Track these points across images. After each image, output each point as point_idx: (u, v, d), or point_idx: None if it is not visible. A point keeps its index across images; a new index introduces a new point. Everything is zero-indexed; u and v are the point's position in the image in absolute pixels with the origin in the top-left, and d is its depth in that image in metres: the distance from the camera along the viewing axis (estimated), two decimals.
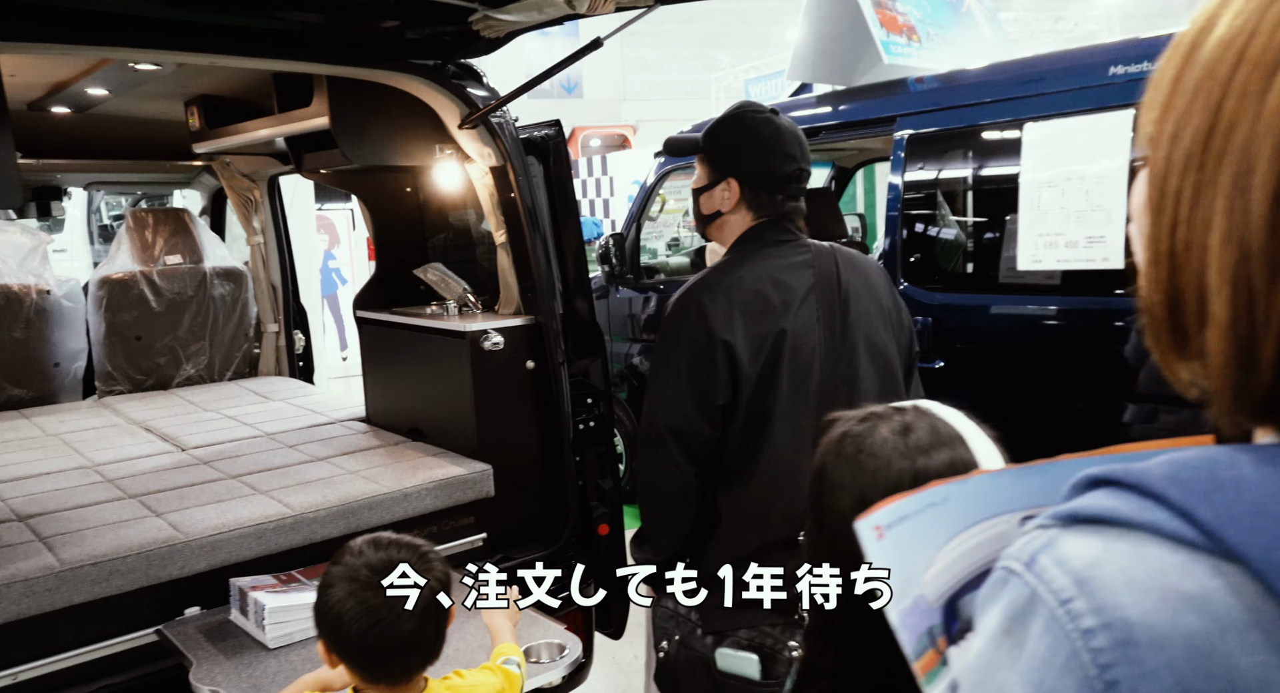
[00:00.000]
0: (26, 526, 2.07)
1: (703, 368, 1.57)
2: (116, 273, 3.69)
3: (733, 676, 1.52)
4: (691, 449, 1.59)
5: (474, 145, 2.54)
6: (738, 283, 1.59)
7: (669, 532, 1.66)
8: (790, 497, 1.54)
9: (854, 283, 1.63)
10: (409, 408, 2.88)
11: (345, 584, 1.30)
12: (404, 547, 1.37)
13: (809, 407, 1.57)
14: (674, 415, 1.60)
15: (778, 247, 1.64)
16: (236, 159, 3.91)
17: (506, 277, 2.66)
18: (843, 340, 1.59)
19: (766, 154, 1.63)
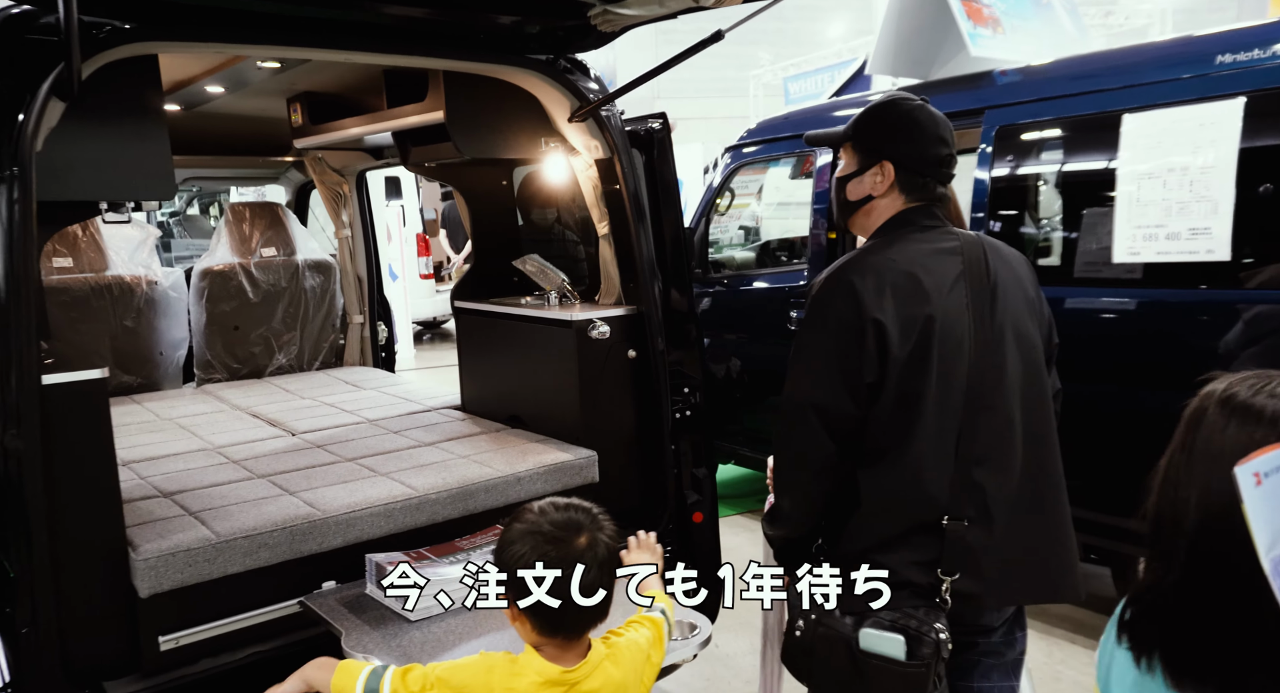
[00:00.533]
0: (173, 501, 2.17)
1: (851, 346, 1.57)
2: (217, 264, 3.83)
3: (877, 655, 1.53)
4: (834, 426, 1.60)
5: (581, 138, 2.60)
6: (889, 264, 1.59)
7: (804, 509, 1.68)
8: (936, 481, 1.56)
9: (1001, 272, 1.64)
10: (508, 396, 2.95)
11: (530, 539, 1.36)
12: (580, 509, 1.42)
13: (956, 392, 1.57)
14: (819, 392, 1.60)
15: (926, 231, 1.65)
16: (328, 154, 4.02)
17: (608, 267, 2.72)
18: (991, 328, 1.59)
19: (921, 137, 1.65)
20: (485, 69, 2.43)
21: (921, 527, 1.56)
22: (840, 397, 1.59)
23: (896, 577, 1.56)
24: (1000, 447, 1.59)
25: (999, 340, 1.60)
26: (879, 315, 1.55)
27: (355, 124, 3.03)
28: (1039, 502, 1.63)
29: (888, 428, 1.59)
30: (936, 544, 1.56)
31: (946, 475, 1.57)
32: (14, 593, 1.68)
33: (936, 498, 1.56)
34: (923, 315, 1.57)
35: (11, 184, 1.66)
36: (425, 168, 3.07)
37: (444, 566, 1.99)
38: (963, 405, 1.56)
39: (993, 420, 1.58)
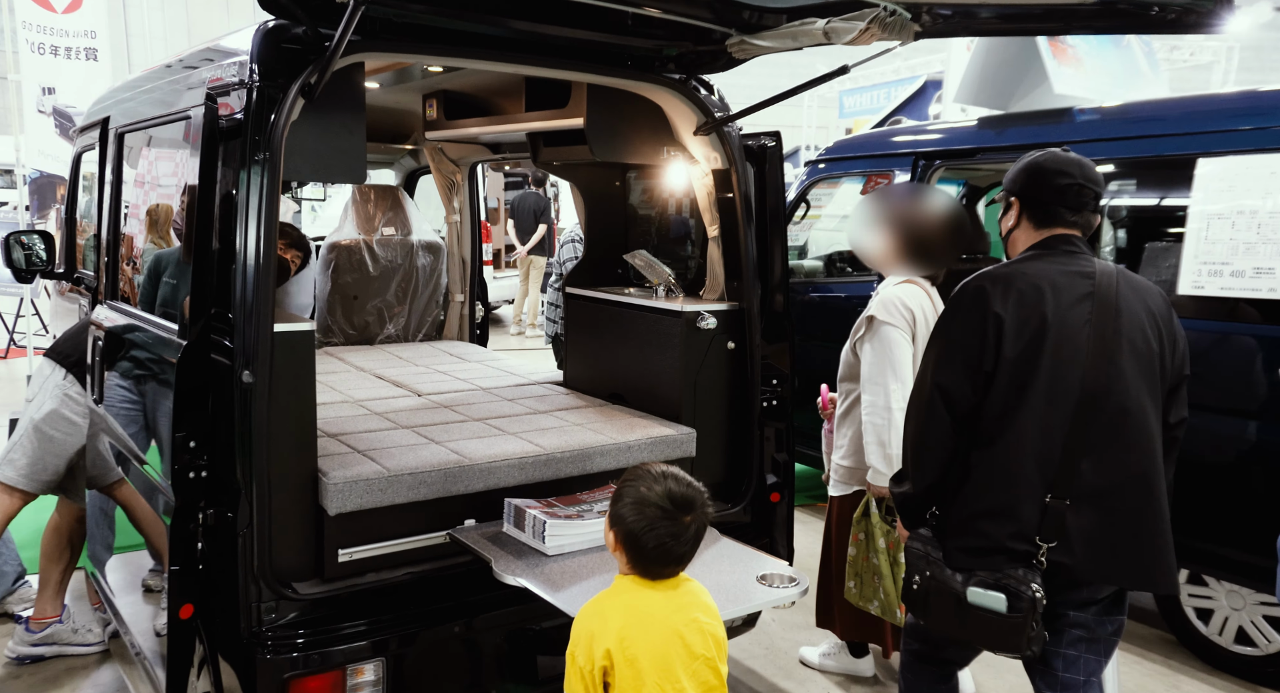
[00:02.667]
0: (339, 441, 2.51)
1: (974, 337, 1.88)
2: (345, 239, 4.20)
3: (982, 609, 1.85)
4: (954, 405, 1.91)
5: (702, 149, 2.89)
6: (1019, 274, 1.92)
7: (923, 472, 1.97)
8: (1040, 466, 1.84)
9: (1130, 298, 1.92)
10: (610, 375, 3.26)
11: (645, 509, 1.68)
12: (695, 489, 1.74)
13: (1069, 391, 1.85)
14: (944, 375, 1.92)
15: (1063, 256, 1.96)
16: (448, 146, 4.37)
17: (715, 266, 3.01)
18: (1110, 342, 1.87)
19: (1040, 173, 1.99)
20: (627, 84, 2.74)
21: (1025, 502, 1.85)
22: (961, 380, 1.90)
23: (999, 543, 1.86)
24: (1107, 445, 1.85)
25: (1115, 353, 1.87)
26: (1000, 311, 1.87)
27: (491, 122, 3.35)
28: (1139, 499, 1.88)
29: (999, 414, 1.88)
30: (1036, 518, 1.84)
31: (1053, 461, 1.85)
32: (237, 502, 2.02)
33: (1040, 479, 1.85)
34: (1037, 318, 1.86)
35: (264, 166, 2.00)
36: (552, 166, 3.38)
37: (571, 513, 2.30)
38: (1075, 404, 1.84)
39: (1102, 420, 1.85)
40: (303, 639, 2.09)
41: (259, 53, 2.05)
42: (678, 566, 1.72)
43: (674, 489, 1.71)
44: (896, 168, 4.75)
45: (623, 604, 1.66)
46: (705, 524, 1.73)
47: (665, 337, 2.93)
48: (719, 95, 2.88)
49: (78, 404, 3.01)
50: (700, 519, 1.71)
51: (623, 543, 1.71)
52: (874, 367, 2.70)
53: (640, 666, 1.57)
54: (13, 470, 3.04)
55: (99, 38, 5.91)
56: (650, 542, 1.67)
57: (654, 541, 1.67)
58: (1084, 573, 1.86)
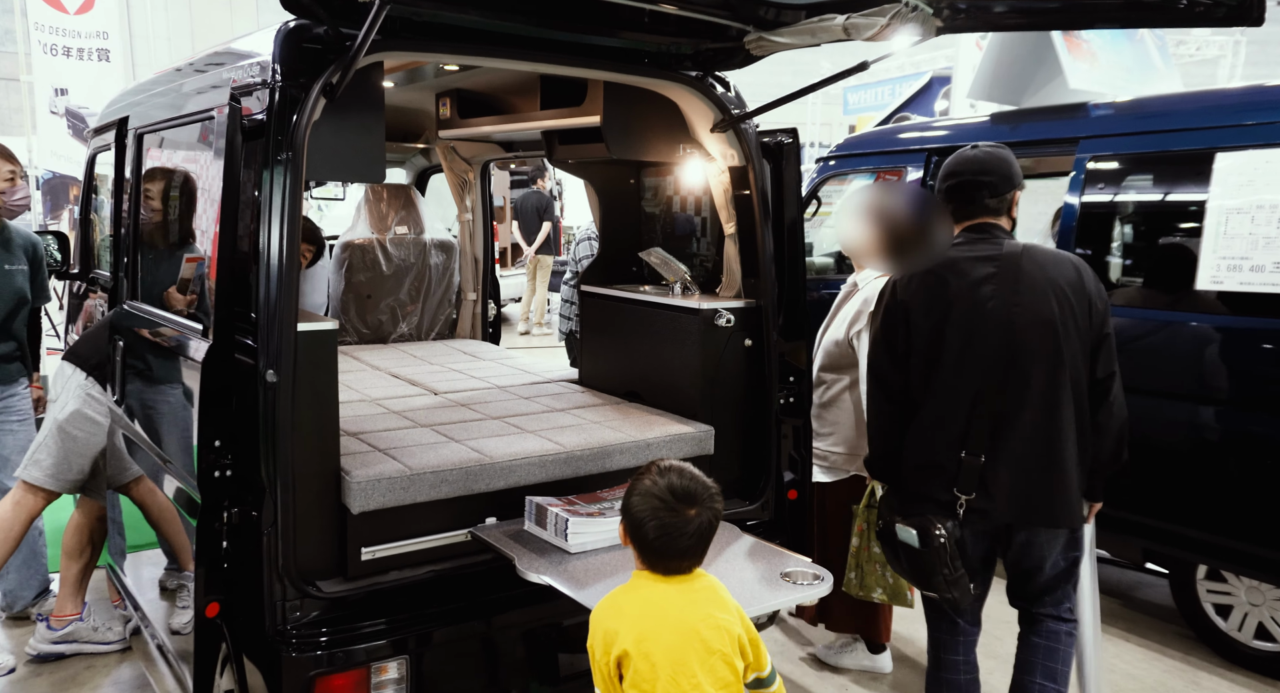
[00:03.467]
0: (359, 439, 2.52)
1: (890, 324, 2.32)
2: (358, 238, 4.21)
3: (905, 544, 2.30)
4: (884, 383, 2.37)
5: (719, 146, 2.89)
6: (925, 267, 2.32)
7: (874, 440, 2.47)
8: (953, 427, 2.23)
9: (1032, 273, 2.22)
10: (627, 373, 3.26)
11: (650, 500, 1.69)
12: (700, 483, 1.74)
13: (975, 360, 2.21)
14: (873, 358, 2.40)
15: (972, 244, 2.31)
16: (460, 144, 4.37)
17: (731, 263, 3.00)
18: (1013, 316, 2.19)
19: (940, 177, 2.43)
20: (643, 82, 2.73)
21: (943, 459, 2.25)
22: (885, 362, 2.35)
23: (927, 492, 2.29)
24: (1012, 406, 2.21)
25: (1016, 325, 2.19)
26: (905, 298, 2.29)
27: (506, 121, 3.36)
28: (1047, 451, 2.22)
29: (920, 386, 2.29)
30: (954, 471, 2.23)
31: (963, 423, 2.22)
32: (261, 501, 2.03)
33: (955, 439, 2.23)
34: (940, 301, 2.24)
35: (287, 166, 2.00)
36: (567, 163, 3.38)
37: (592, 511, 2.30)
38: (980, 372, 2.21)
39: (1005, 384, 2.20)
40: (327, 637, 2.10)
41: (281, 53, 2.05)
42: (684, 559, 1.73)
43: (676, 482, 1.74)
44: (909, 164, 4.74)
45: (638, 599, 1.67)
46: (712, 520, 1.73)
47: (683, 334, 2.93)
48: (735, 92, 2.88)
49: (100, 404, 3.03)
50: (705, 514, 1.71)
51: (629, 533, 1.76)
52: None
53: (655, 660, 1.58)
54: (39, 471, 3.05)
55: (111, 38, 5.94)
56: (651, 532, 1.70)
57: (655, 531, 1.70)
58: (1001, 517, 2.25)
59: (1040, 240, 5.45)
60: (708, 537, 1.73)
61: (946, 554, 2.19)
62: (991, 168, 2.34)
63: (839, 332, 3.05)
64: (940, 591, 2.25)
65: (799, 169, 2.93)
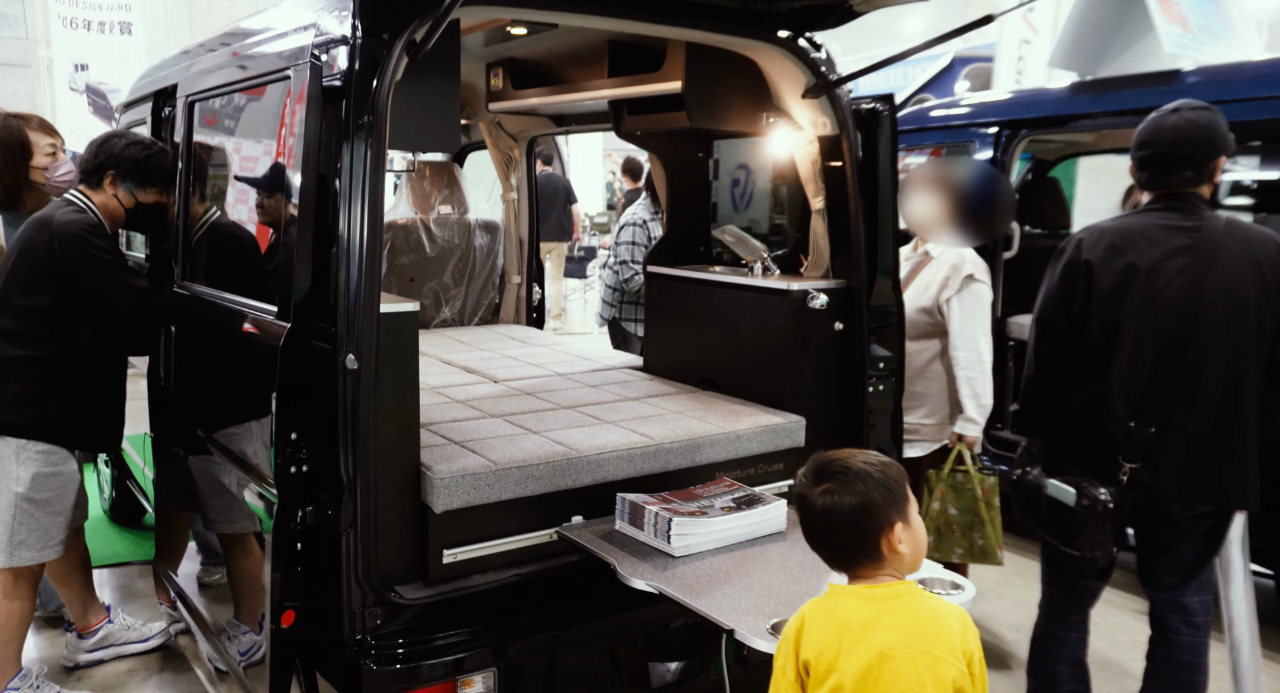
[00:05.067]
0: (433, 432, 2.37)
1: (1067, 279, 2.27)
2: (401, 218, 4.05)
3: (1056, 501, 2.24)
4: (1051, 337, 2.32)
5: (809, 114, 2.71)
6: (1116, 227, 2.25)
7: (1031, 394, 2.40)
8: (1124, 396, 2.19)
9: (1232, 249, 2.16)
10: (700, 359, 3.09)
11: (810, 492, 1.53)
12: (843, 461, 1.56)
13: (1156, 337, 2.16)
14: (1044, 311, 2.32)
15: (1165, 212, 2.23)
16: (506, 119, 4.20)
17: (819, 241, 2.83)
18: (1202, 293, 2.13)
19: (1135, 143, 2.31)
20: (731, 43, 2.56)
21: (1111, 425, 2.20)
22: (1056, 317, 2.30)
23: (1087, 455, 2.25)
24: (1193, 378, 2.16)
25: (1204, 303, 2.14)
26: (1090, 258, 2.22)
27: (566, 91, 3.18)
28: (1224, 428, 2.18)
29: (1093, 350, 2.23)
30: (1121, 439, 2.19)
31: (1138, 393, 2.18)
32: (340, 499, 1.88)
33: (1127, 407, 2.19)
34: (1125, 265, 2.18)
35: (369, 131, 1.84)
36: (635, 135, 3.21)
37: (693, 509, 2.14)
38: (1159, 346, 2.16)
39: (1184, 362, 2.16)
40: (408, 648, 1.96)
41: (363, 6, 1.88)
42: (820, 549, 1.56)
43: (821, 459, 1.58)
44: (976, 139, 4.54)
45: (823, 609, 1.50)
46: (849, 505, 1.48)
47: (769, 317, 2.77)
48: (827, 54, 2.69)
49: (54, 454, 2.63)
50: (839, 497, 1.48)
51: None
52: (965, 323, 2.93)
53: (838, 682, 1.41)
54: (27, 551, 2.60)
55: (133, 10, 5.77)
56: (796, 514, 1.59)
57: (796, 513, 1.59)
58: (1165, 491, 2.20)
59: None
60: (843, 528, 1.49)
61: (1108, 518, 2.18)
62: (1192, 139, 2.20)
63: (924, 299, 3.01)
64: (1084, 549, 2.24)
65: (895, 139, 2.75)
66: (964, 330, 2.91)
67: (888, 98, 2.73)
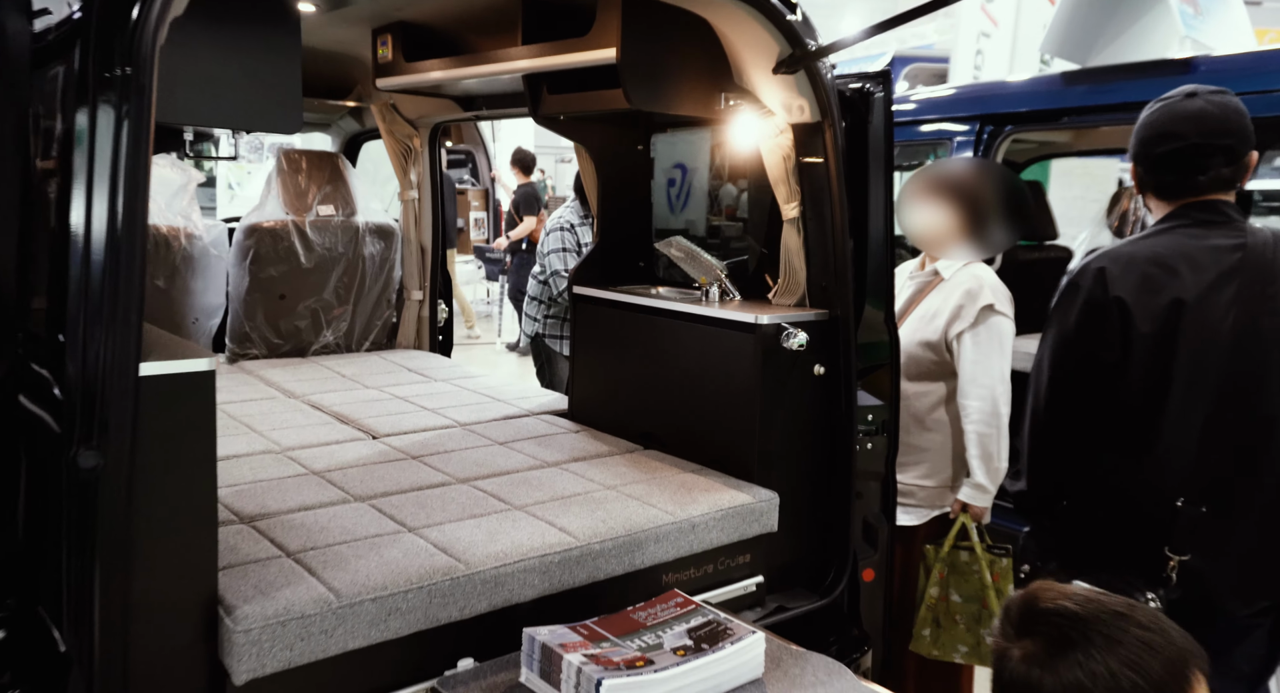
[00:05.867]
0: (258, 531, 1.70)
1: (1093, 325, 1.77)
2: (267, 221, 3.34)
3: None
4: (1072, 401, 1.82)
5: (781, 95, 2.13)
6: (1145, 252, 1.76)
7: (1040, 471, 1.91)
8: (1175, 466, 1.73)
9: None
10: (641, 407, 2.49)
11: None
12: (1066, 612, 0.96)
13: (1208, 382, 1.70)
14: (1060, 369, 1.82)
15: (1200, 226, 1.78)
16: (403, 101, 3.53)
17: (793, 258, 2.26)
18: (1263, 326, 1.71)
19: (1145, 138, 1.83)
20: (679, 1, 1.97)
21: (1152, 504, 1.75)
22: (1079, 374, 1.81)
23: (1121, 547, 1.79)
24: (1255, 447, 1.74)
25: (1268, 337, 1.71)
26: (1123, 295, 1.73)
27: (470, 63, 2.54)
28: None
29: (1130, 410, 1.77)
30: (1167, 525, 1.74)
31: (1189, 464, 1.74)
32: (65, 676, 1.21)
33: (1175, 483, 1.73)
34: (1168, 301, 1.71)
35: (123, 90, 1.18)
36: (558, 121, 2.58)
37: (630, 652, 1.53)
38: (1216, 400, 1.71)
39: (1249, 418, 1.73)
40: None
41: None
42: None
43: (1042, 599, 1.00)
44: (954, 136, 4.07)
45: None
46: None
47: (731, 358, 2.18)
48: (804, 17, 2.12)
49: None
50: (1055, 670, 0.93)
51: None
52: (979, 365, 2.39)
53: None
54: None
55: None
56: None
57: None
58: (1220, 583, 1.77)
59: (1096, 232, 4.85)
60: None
61: None
62: (1228, 126, 1.76)
63: (930, 331, 2.45)
64: None
65: (891, 129, 2.20)
66: (978, 374, 2.37)
67: (881, 76, 2.18)
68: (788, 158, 2.20)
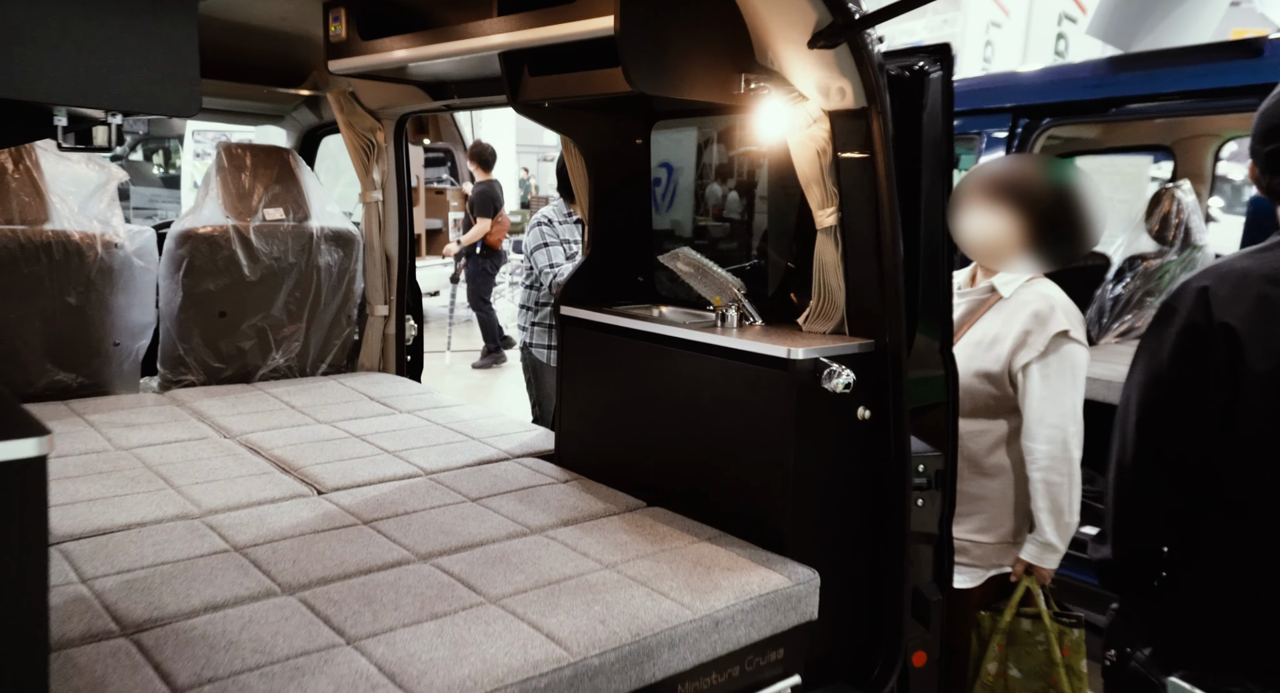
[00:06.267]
0: (141, 649, 1.29)
1: (1194, 360, 1.44)
2: (203, 226, 2.92)
3: None
4: (1165, 452, 1.48)
5: (817, 75, 1.75)
6: (1259, 266, 1.44)
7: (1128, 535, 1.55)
8: None
9: None
10: (643, 456, 2.10)
11: None
12: None
13: None
14: (1153, 412, 1.48)
15: None
16: (364, 88, 3.13)
17: (828, 276, 1.88)
18: None
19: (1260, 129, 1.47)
20: None
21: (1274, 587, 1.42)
22: (1176, 420, 1.47)
23: (1231, 646, 1.48)
24: None
25: None
26: (1231, 321, 1.41)
27: (441, 41, 2.15)
28: None
29: (1247, 465, 1.43)
30: None
31: None
32: None
33: None
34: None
35: None
36: (543, 109, 2.19)
37: None
38: None
39: None
40: None
41: None
42: None
43: None
44: (985, 129, 3.71)
45: None
46: None
47: (756, 400, 1.80)
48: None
49: None
50: None
51: None
52: (1049, 401, 2.05)
53: None
54: None
55: None
56: None
57: None
58: None
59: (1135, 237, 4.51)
60: None
61: None
62: None
63: (990, 360, 2.11)
64: None
65: (950, 116, 1.83)
66: (1046, 412, 2.03)
67: (939, 51, 1.80)
68: (823, 153, 1.81)
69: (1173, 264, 4.07)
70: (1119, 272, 4.05)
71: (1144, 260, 4.08)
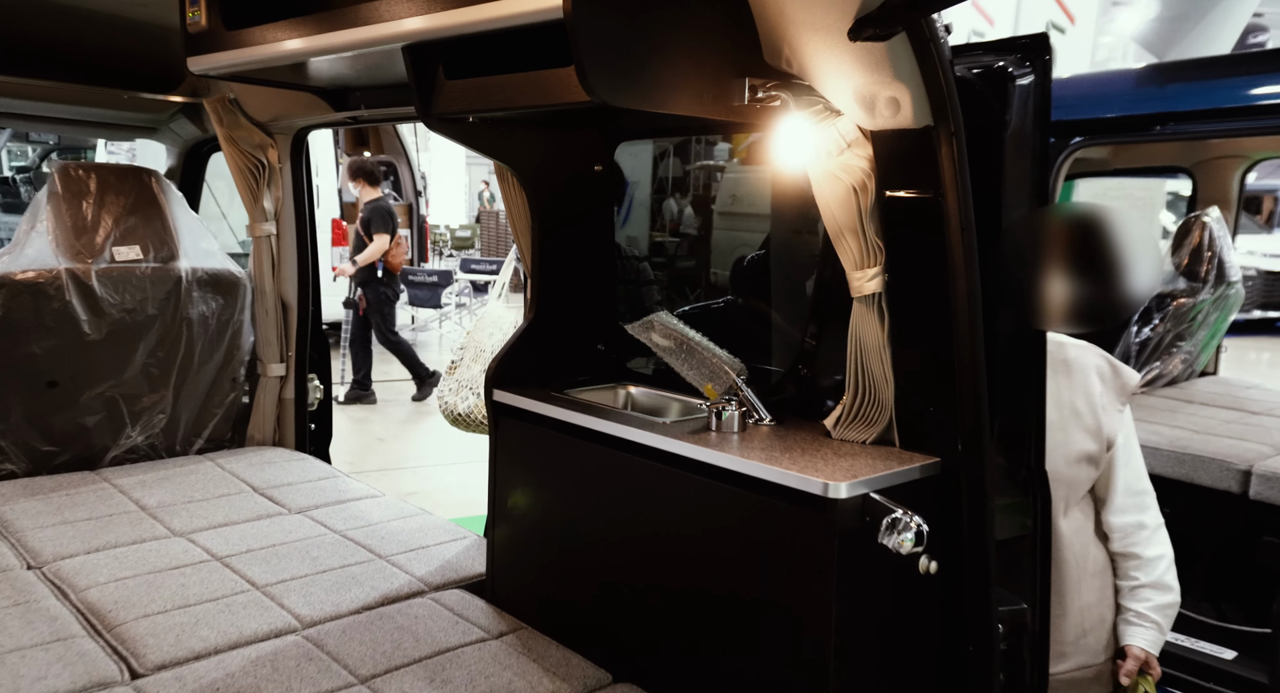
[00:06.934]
0: None
1: None
2: (24, 271, 2.30)
3: None
4: None
5: (859, 80, 1.25)
6: None
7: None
8: None
9: None
10: (608, 607, 1.55)
11: None
12: None
13: None
14: None
15: None
16: (246, 94, 2.56)
17: (870, 362, 1.36)
18: None
19: None
20: None
21: None
22: None
23: None
24: None
25: None
26: None
27: (326, 28, 1.60)
28: None
29: None
30: None
31: None
32: None
33: None
34: None
35: None
36: (463, 125, 1.63)
37: None
38: None
39: None
40: None
41: None
42: None
43: None
44: None
45: None
46: None
47: (777, 545, 1.27)
48: None
49: None
50: None
51: None
52: (1138, 474, 1.74)
53: None
54: None
55: None
56: None
57: None
58: None
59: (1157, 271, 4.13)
60: None
61: None
62: None
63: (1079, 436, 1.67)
64: None
65: (1046, 137, 1.34)
66: (1135, 478, 1.72)
67: (1034, 47, 1.31)
68: (862, 190, 1.31)
69: (1205, 303, 3.69)
70: (1145, 312, 3.65)
71: (1174, 299, 3.68)
